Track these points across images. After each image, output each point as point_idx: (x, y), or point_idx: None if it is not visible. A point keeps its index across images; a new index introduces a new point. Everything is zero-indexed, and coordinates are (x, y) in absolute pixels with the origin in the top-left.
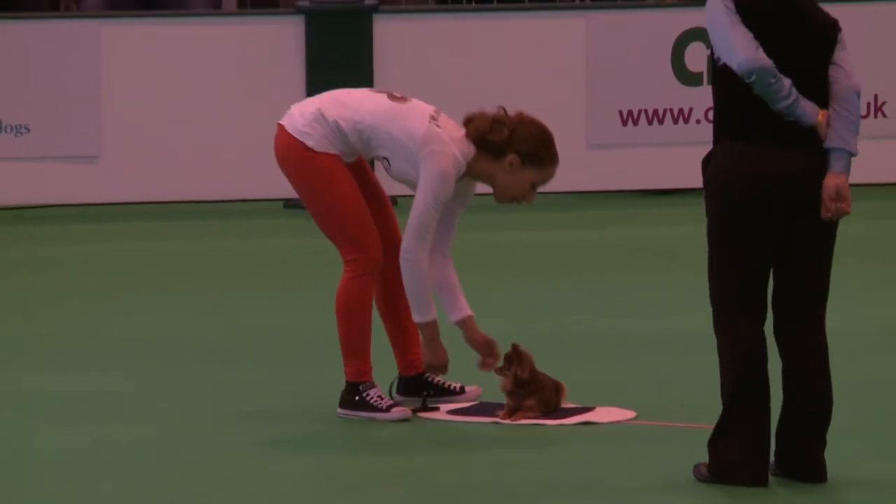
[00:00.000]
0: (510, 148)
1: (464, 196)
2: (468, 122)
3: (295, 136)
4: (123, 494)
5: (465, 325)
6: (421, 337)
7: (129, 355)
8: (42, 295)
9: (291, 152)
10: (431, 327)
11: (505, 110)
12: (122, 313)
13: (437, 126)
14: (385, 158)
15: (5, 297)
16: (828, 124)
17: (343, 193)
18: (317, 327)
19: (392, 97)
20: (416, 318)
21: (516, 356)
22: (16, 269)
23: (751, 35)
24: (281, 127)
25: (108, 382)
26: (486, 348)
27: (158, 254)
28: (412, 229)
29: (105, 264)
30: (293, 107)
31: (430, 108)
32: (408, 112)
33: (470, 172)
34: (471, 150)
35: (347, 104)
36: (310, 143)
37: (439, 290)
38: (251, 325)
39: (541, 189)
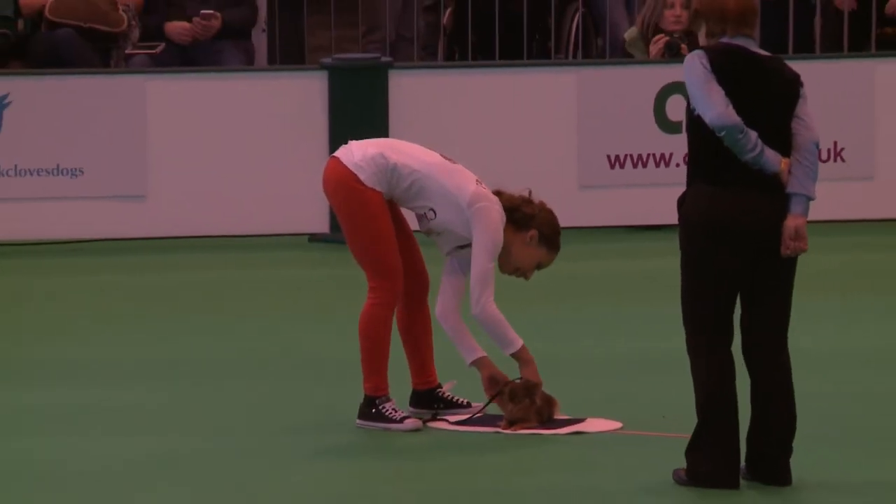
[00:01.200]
0: (533, 223)
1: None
2: (498, 193)
3: (349, 167)
4: None
5: (480, 364)
6: (519, 363)
7: (161, 373)
8: (93, 318)
9: (343, 181)
10: (522, 352)
11: (530, 192)
12: (158, 335)
13: (483, 188)
14: (431, 209)
15: (59, 320)
16: (789, 172)
17: (381, 228)
18: (335, 348)
19: (443, 156)
20: (508, 351)
21: (536, 395)
22: (71, 295)
23: (723, 93)
24: (336, 158)
25: (141, 397)
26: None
27: (196, 282)
28: (477, 281)
29: (148, 292)
30: (352, 143)
31: (474, 175)
32: (459, 170)
33: None
34: (503, 215)
35: (407, 153)
36: (362, 176)
37: (454, 335)
38: (275, 346)
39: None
